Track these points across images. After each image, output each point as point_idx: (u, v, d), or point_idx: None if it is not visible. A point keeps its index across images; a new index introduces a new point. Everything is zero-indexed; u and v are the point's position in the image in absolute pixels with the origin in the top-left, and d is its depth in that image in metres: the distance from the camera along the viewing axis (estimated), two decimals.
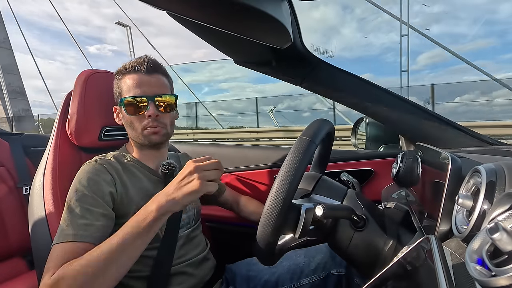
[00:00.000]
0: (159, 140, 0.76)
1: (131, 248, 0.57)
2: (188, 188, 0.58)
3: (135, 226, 0.57)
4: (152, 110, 0.73)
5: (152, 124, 0.74)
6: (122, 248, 0.56)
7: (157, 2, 0.46)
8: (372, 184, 1.03)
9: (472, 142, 0.78)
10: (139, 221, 0.58)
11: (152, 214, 0.57)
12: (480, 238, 0.30)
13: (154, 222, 0.58)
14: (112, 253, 0.55)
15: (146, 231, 0.58)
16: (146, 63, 0.74)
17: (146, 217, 0.58)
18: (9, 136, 1.31)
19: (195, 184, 0.57)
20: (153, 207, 0.58)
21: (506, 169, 0.38)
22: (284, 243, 0.63)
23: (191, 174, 0.58)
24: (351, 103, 0.87)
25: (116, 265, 0.56)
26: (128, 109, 0.73)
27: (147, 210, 0.59)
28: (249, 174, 1.16)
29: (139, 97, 0.72)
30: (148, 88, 0.73)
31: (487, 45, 14.30)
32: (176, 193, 0.58)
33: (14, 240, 1.14)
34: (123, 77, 0.75)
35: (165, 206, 0.58)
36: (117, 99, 0.77)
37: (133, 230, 0.57)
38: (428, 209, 0.55)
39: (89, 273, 0.53)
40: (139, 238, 0.57)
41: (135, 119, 0.74)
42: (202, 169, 0.59)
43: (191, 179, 0.58)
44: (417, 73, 10.17)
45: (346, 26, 16.45)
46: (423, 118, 0.81)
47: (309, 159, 0.52)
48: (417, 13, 12.55)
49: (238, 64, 0.92)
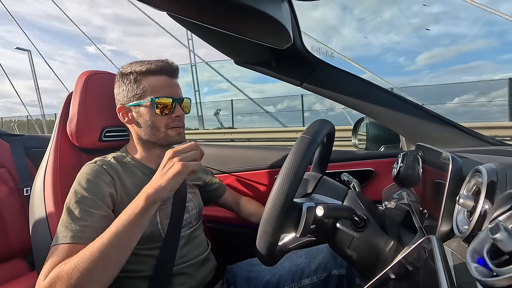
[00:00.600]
0: (182, 139, 0.81)
1: (123, 240, 0.58)
2: (171, 172, 0.60)
3: (125, 218, 0.58)
4: (180, 111, 0.77)
5: (177, 124, 0.78)
6: (114, 242, 0.56)
7: (157, 2, 0.46)
8: (372, 184, 1.03)
9: (473, 142, 0.78)
10: (129, 213, 0.59)
11: (140, 205, 0.59)
12: (481, 238, 0.30)
13: (144, 212, 0.59)
14: (105, 248, 0.55)
15: (137, 222, 0.59)
16: (171, 66, 0.77)
17: (135, 209, 0.59)
18: (9, 137, 1.32)
19: (177, 166, 0.60)
20: (141, 198, 0.60)
21: (507, 169, 0.38)
22: (284, 244, 0.62)
23: (170, 159, 0.62)
24: (352, 103, 0.87)
25: (110, 260, 0.56)
26: (158, 109, 0.74)
27: (136, 202, 0.60)
28: (249, 175, 1.16)
29: (171, 98, 0.76)
30: (175, 90, 0.77)
31: (486, 45, 14.43)
32: (161, 180, 0.60)
33: (15, 241, 1.14)
34: (146, 78, 0.75)
35: (152, 194, 0.60)
36: (133, 99, 0.75)
37: (124, 223, 0.58)
38: (429, 209, 0.55)
39: (84, 270, 0.53)
40: (130, 230, 0.58)
41: (160, 119, 0.75)
42: (179, 152, 0.62)
43: (172, 163, 0.61)
44: (416, 74, 10.23)
45: (346, 26, 16.54)
46: (424, 118, 0.81)
47: (311, 158, 0.52)
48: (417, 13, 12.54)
49: (238, 64, 0.92)
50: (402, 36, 13.67)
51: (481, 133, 0.80)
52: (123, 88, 0.77)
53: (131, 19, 79.43)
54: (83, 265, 0.54)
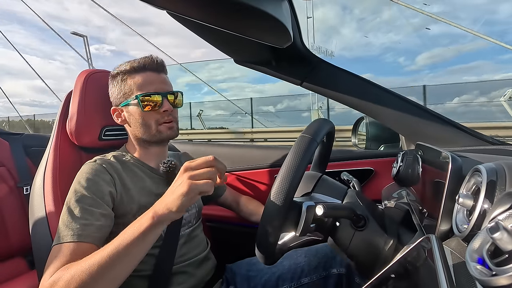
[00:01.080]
0: (174, 134, 0.79)
1: (127, 256, 0.55)
2: (178, 192, 0.52)
3: (130, 234, 0.55)
4: (168, 105, 0.75)
5: (167, 119, 0.77)
6: (117, 257, 0.54)
7: (157, 1, 0.46)
8: (372, 184, 1.03)
9: (473, 141, 0.78)
10: (135, 229, 0.55)
11: (147, 222, 0.54)
12: (480, 238, 0.30)
13: (149, 230, 0.54)
14: (107, 261, 0.53)
15: (141, 240, 0.55)
16: (156, 62, 0.77)
17: (141, 226, 0.55)
18: (9, 136, 1.32)
19: (184, 186, 0.52)
20: (149, 214, 0.55)
21: (507, 168, 0.38)
22: (284, 243, 0.63)
23: (181, 175, 0.54)
24: (352, 103, 0.87)
25: (111, 273, 0.54)
26: (144, 105, 0.74)
27: (143, 218, 0.56)
28: (249, 174, 1.16)
29: (156, 94, 0.74)
30: (160, 85, 0.76)
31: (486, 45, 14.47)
32: (168, 199, 0.54)
33: (15, 240, 1.15)
34: (131, 76, 0.76)
35: (161, 214, 0.54)
36: (122, 99, 0.77)
37: (128, 238, 0.54)
38: (429, 208, 0.55)
39: (84, 280, 0.52)
40: (134, 246, 0.54)
41: (149, 115, 0.75)
42: (191, 168, 0.53)
43: (181, 181, 0.53)
44: (416, 73, 10.23)
45: (346, 26, 16.53)
46: (424, 118, 0.81)
47: (311, 157, 0.52)
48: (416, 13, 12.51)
49: (238, 63, 0.92)
50: (402, 36, 13.75)
51: (481, 132, 0.80)
52: (113, 90, 0.78)
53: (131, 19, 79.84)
54: (81, 277, 0.52)
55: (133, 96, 0.75)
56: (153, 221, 0.54)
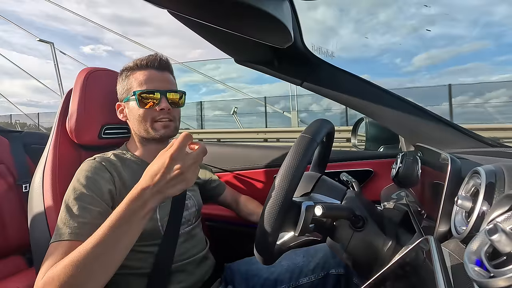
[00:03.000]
0: (170, 133, 0.78)
1: (116, 241, 0.54)
2: (178, 180, 0.54)
3: (118, 218, 0.53)
4: (165, 103, 0.75)
5: (164, 117, 0.76)
6: (106, 243, 0.52)
7: (158, 1, 0.46)
8: (371, 185, 1.04)
9: (472, 143, 0.78)
10: (121, 212, 0.54)
11: (140, 211, 0.54)
12: (479, 239, 0.30)
13: (140, 219, 0.54)
14: (96, 248, 0.52)
15: (131, 225, 0.54)
16: (159, 60, 0.77)
17: (131, 210, 0.54)
18: (9, 134, 1.31)
19: (187, 177, 0.54)
20: (138, 203, 0.54)
21: (506, 170, 0.38)
22: (283, 243, 0.63)
23: (176, 160, 0.54)
24: (351, 103, 0.87)
25: (102, 261, 0.53)
26: (141, 102, 0.74)
27: (131, 205, 0.54)
28: (249, 173, 1.16)
29: (153, 91, 0.75)
30: (160, 83, 0.76)
31: (483, 47, 14.40)
32: (163, 184, 0.54)
33: (13, 237, 1.14)
34: (134, 73, 0.77)
35: (153, 202, 0.54)
36: (125, 95, 0.78)
37: (112, 223, 0.53)
38: (427, 210, 0.55)
39: (74, 272, 0.51)
40: (119, 229, 0.53)
41: (146, 112, 0.75)
42: (190, 163, 0.54)
43: (179, 166, 0.53)
44: (413, 75, 10.25)
45: (344, 27, 16.60)
46: (423, 119, 0.81)
47: (310, 157, 0.52)
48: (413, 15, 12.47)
49: (239, 63, 0.92)
50: (399, 37, 13.79)
51: (480, 134, 0.80)
52: (119, 86, 0.80)
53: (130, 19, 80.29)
54: (73, 268, 0.51)
55: (132, 92, 0.75)
56: (146, 209, 0.54)
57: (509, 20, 16.32)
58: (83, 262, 0.52)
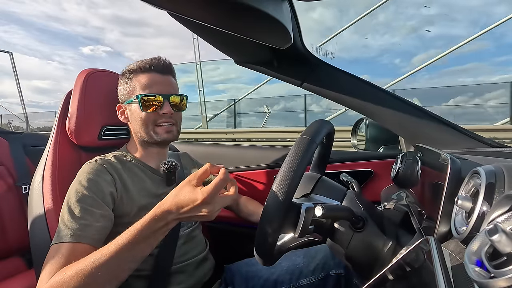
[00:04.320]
0: (172, 138, 0.79)
1: (132, 256, 0.55)
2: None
3: (133, 234, 0.54)
4: (168, 108, 0.75)
5: (166, 121, 0.77)
6: (121, 257, 0.53)
7: (158, 2, 0.46)
8: (371, 185, 1.03)
9: (472, 143, 0.78)
10: (141, 230, 0.54)
11: (160, 230, 0.55)
12: (479, 240, 0.30)
13: (158, 237, 0.56)
14: (110, 261, 0.53)
15: (150, 242, 0.55)
16: (162, 63, 0.77)
17: (152, 229, 0.54)
18: (8, 135, 1.31)
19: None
20: (160, 224, 0.54)
21: (506, 171, 0.38)
22: (283, 244, 0.62)
23: (206, 204, 0.53)
24: (351, 104, 0.87)
25: (114, 273, 0.54)
26: (144, 106, 0.74)
27: (154, 225, 0.55)
28: (249, 174, 1.16)
29: (157, 95, 0.75)
30: (164, 87, 0.76)
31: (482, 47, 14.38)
32: (188, 216, 0.55)
33: (13, 239, 1.14)
34: (137, 76, 0.77)
35: (174, 224, 0.56)
36: (126, 97, 0.78)
37: (131, 239, 0.54)
38: (428, 210, 0.55)
39: (84, 281, 0.51)
40: (142, 247, 0.55)
41: (148, 116, 0.75)
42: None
43: (207, 210, 0.53)
44: (413, 75, 10.32)
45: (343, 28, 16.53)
46: (423, 119, 0.82)
47: (310, 158, 0.52)
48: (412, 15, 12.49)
49: (238, 64, 0.92)
50: (398, 38, 13.81)
51: (480, 135, 0.80)
52: (121, 87, 0.80)
53: (130, 20, 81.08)
54: (82, 278, 0.51)
55: (135, 95, 0.75)
56: (165, 229, 0.55)
57: (508, 20, 16.46)
58: (95, 273, 0.52)
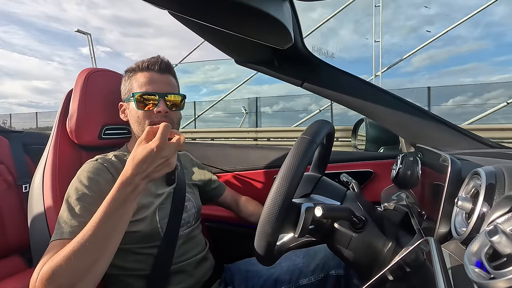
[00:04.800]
0: None
1: (113, 226, 0.57)
2: (165, 167, 0.60)
3: (112, 204, 0.57)
4: (163, 106, 0.75)
5: (160, 120, 0.76)
6: (104, 228, 0.55)
7: (159, 1, 0.46)
8: (371, 186, 1.03)
9: (472, 144, 0.78)
10: (114, 199, 0.57)
11: (132, 194, 0.58)
12: (479, 241, 0.30)
13: (132, 201, 0.59)
14: (95, 235, 0.54)
15: (125, 208, 0.58)
16: (160, 63, 0.77)
17: (123, 195, 0.57)
18: (9, 134, 1.31)
19: (172, 163, 0.60)
20: (130, 188, 0.58)
21: (506, 172, 0.38)
22: (283, 244, 0.63)
23: (162, 150, 0.58)
24: (351, 104, 0.87)
25: (101, 247, 0.55)
26: (139, 104, 0.74)
27: (123, 191, 0.58)
28: (249, 174, 1.16)
29: (151, 93, 0.75)
30: (160, 86, 0.76)
31: (482, 47, 14.29)
32: (151, 170, 0.59)
33: (13, 238, 1.14)
34: (135, 75, 0.77)
35: (142, 185, 0.59)
36: (126, 95, 0.79)
37: (112, 209, 0.56)
38: (428, 211, 0.55)
39: (71, 264, 0.52)
40: (120, 214, 0.57)
41: (144, 114, 0.75)
42: (173, 150, 0.60)
43: (165, 156, 0.59)
44: (413, 75, 10.24)
45: (344, 28, 16.42)
46: (423, 120, 0.81)
47: (310, 158, 0.52)
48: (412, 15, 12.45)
49: (239, 64, 0.92)
50: (398, 38, 13.73)
51: (480, 135, 0.80)
52: (122, 86, 0.81)
53: (129, 20, 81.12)
54: (66, 261, 0.52)
55: (131, 93, 0.76)
56: (134, 194, 0.58)
57: (508, 20, 16.39)
58: (81, 252, 0.53)
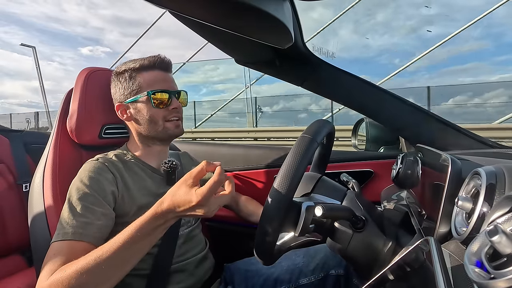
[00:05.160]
0: (179, 132, 0.80)
1: (133, 254, 0.55)
2: (201, 214, 0.54)
3: (132, 232, 0.54)
4: (176, 102, 0.78)
5: (175, 116, 0.78)
6: (123, 255, 0.54)
7: (160, 1, 0.46)
8: (371, 185, 1.03)
9: (473, 144, 0.78)
10: (138, 228, 0.54)
11: (160, 228, 0.55)
12: (479, 241, 0.30)
13: (158, 234, 0.56)
14: (112, 260, 0.53)
15: (144, 239, 0.55)
16: (164, 61, 0.78)
17: (153, 227, 0.55)
18: (9, 133, 1.31)
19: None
20: (160, 221, 0.55)
21: (506, 171, 0.38)
22: (283, 243, 0.63)
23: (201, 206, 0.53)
24: (352, 104, 0.87)
25: (115, 271, 0.54)
26: (155, 102, 0.75)
27: (154, 223, 0.55)
28: (249, 174, 1.16)
29: (167, 91, 0.76)
30: (169, 83, 0.78)
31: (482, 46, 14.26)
32: (185, 214, 0.55)
33: (13, 237, 1.14)
34: (141, 74, 0.76)
35: (173, 221, 0.56)
36: (129, 96, 0.76)
37: (130, 236, 0.54)
38: (428, 210, 0.55)
39: (86, 279, 0.52)
40: (143, 244, 0.55)
41: (158, 112, 0.76)
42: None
43: (203, 211, 0.53)
44: (413, 75, 10.26)
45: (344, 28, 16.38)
46: (424, 120, 0.81)
47: (310, 157, 0.52)
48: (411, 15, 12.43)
49: (239, 63, 0.92)
50: (397, 38, 13.71)
51: (480, 135, 0.80)
52: (119, 86, 0.78)
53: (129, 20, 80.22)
54: (83, 276, 0.52)
55: (143, 93, 0.75)
56: (164, 227, 0.56)
57: (508, 20, 16.40)
58: (95, 271, 0.52)
